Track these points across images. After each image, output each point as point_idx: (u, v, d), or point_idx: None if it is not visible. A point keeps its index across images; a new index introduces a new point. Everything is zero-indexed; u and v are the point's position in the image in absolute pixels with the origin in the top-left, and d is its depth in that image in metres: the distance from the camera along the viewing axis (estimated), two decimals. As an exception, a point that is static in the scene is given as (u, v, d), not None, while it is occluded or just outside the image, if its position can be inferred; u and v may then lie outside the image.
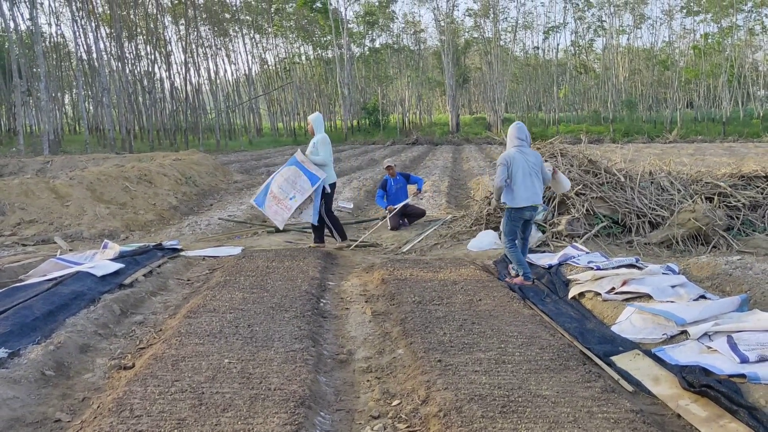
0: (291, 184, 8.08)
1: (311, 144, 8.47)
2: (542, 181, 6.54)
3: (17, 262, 7.27)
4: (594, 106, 59.25)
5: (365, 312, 5.70)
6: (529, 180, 6.34)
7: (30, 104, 33.85)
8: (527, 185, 6.33)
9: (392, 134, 45.30)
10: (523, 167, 6.33)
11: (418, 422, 3.50)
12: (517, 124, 6.69)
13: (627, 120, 49.02)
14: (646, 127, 43.97)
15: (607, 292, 5.68)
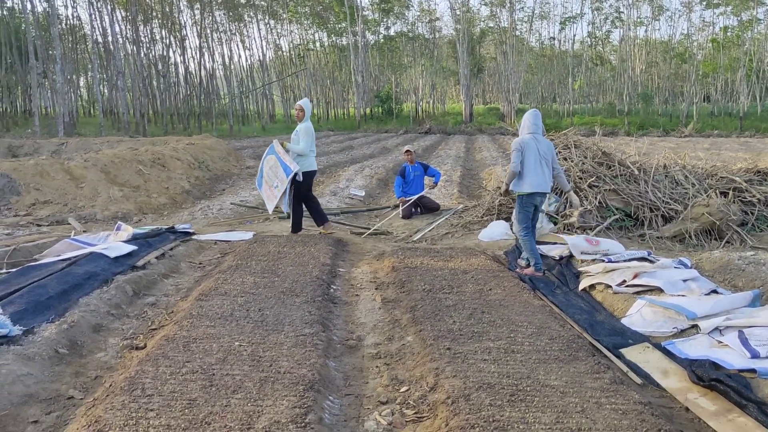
0: (274, 172, 8.09)
1: (294, 132, 8.28)
2: (552, 171, 6.54)
3: (32, 241, 7.35)
4: (609, 98, 58.73)
5: (375, 299, 5.71)
6: (539, 167, 6.36)
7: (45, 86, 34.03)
8: (537, 172, 6.35)
9: (405, 123, 45.19)
10: (535, 154, 6.35)
11: (426, 409, 3.52)
12: (533, 111, 6.69)
13: (642, 113, 48.60)
14: (661, 121, 43.58)
15: (618, 284, 5.66)
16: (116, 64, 31.85)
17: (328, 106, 54.81)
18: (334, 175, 15.49)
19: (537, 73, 60.39)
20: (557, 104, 57.30)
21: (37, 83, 26.89)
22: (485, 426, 3.11)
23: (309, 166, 8.20)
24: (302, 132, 8.12)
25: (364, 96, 49.33)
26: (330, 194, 12.32)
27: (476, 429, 3.09)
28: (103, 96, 40.64)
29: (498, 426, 3.12)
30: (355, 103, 49.21)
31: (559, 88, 58.06)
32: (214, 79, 43.41)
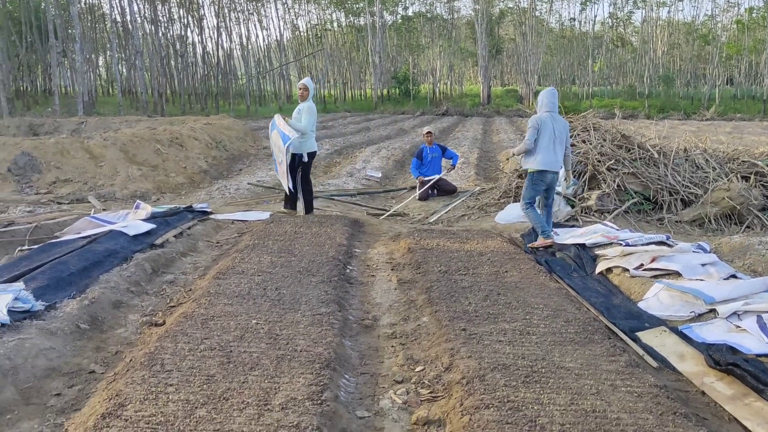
0: (278, 147, 8.07)
1: (296, 110, 8.14)
2: (566, 150, 6.65)
3: (53, 219, 7.45)
4: (629, 80, 57.88)
5: (391, 279, 5.74)
6: (552, 146, 6.49)
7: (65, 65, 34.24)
8: (549, 151, 6.48)
9: (422, 104, 44.92)
10: (550, 133, 6.47)
11: (440, 388, 3.54)
12: (550, 90, 6.78)
13: (663, 96, 47.86)
14: (682, 104, 42.90)
15: (635, 268, 5.63)
16: (135, 44, 31.94)
17: (345, 86, 54.61)
18: (350, 156, 15.49)
19: (556, 55, 59.64)
20: (576, 86, 56.60)
21: (57, 62, 27.07)
22: (500, 406, 3.13)
23: (311, 146, 8.14)
24: (305, 110, 8.01)
25: (381, 77, 49.06)
26: (346, 175, 12.34)
27: (491, 409, 3.11)
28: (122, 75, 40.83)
29: (512, 406, 3.14)
30: (372, 84, 48.96)
31: (579, 70, 57.32)
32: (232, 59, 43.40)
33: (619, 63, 59.66)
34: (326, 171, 13.41)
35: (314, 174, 12.96)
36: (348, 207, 9.48)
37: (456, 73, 60.24)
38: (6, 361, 3.50)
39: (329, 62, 52.38)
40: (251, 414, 3.00)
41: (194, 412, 3.01)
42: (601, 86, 56.49)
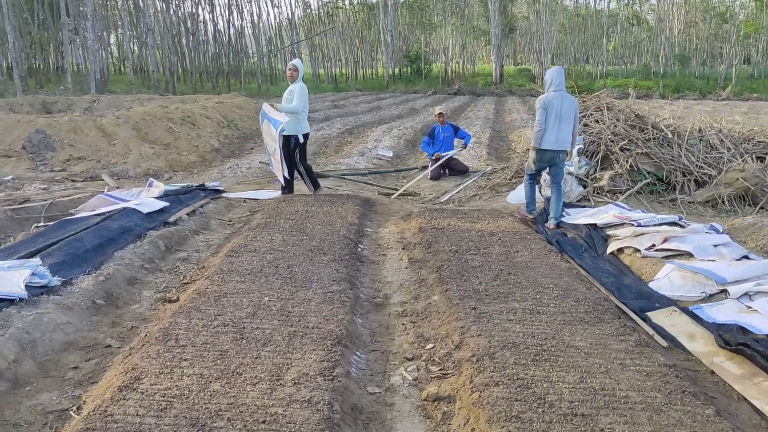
0: (270, 137, 8.05)
1: (287, 91, 8.06)
2: (573, 128, 6.72)
3: (68, 196, 7.52)
4: (644, 59, 57.12)
5: (402, 258, 5.77)
6: (557, 125, 6.58)
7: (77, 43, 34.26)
8: (554, 130, 6.58)
9: (434, 83, 44.62)
10: (557, 112, 6.56)
11: (451, 366, 3.58)
12: (558, 69, 6.86)
13: (678, 75, 47.22)
14: (698, 83, 42.32)
15: (647, 248, 5.62)
16: (146, 21, 31.86)
17: (357, 65, 54.28)
18: (361, 136, 15.47)
19: (570, 34, 58.88)
20: (590, 65, 55.95)
21: (69, 40, 27.08)
22: (509, 384, 3.17)
23: (305, 128, 8.09)
24: (297, 91, 7.93)
25: (393, 56, 48.71)
26: (358, 154, 12.33)
27: (500, 386, 3.14)
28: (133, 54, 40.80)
29: (522, 384, 3.17)
30: (383, 63, 48.63)
31: (593, 48, 56.61)
32: (243, 37, 43.22)
33: (634, 42, 58.85)
34: (337, 150, 13.41)
35: (325, 153, 13.00)
36: (359, 186, 9.50)
37: (468, 52, 59.68)
38: (25, 334, 3.57)
39: (340, 41, 52.05)
40: (264, 389, 3.06)
41: (208, 386, 3.07)
42: (615, 65, 55.84)
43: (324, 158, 12.35)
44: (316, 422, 2.77)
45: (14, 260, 4.64)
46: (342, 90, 39.31)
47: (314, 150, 12.97)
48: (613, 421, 2.87)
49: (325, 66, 52.79)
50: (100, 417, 2.76)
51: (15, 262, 4.56)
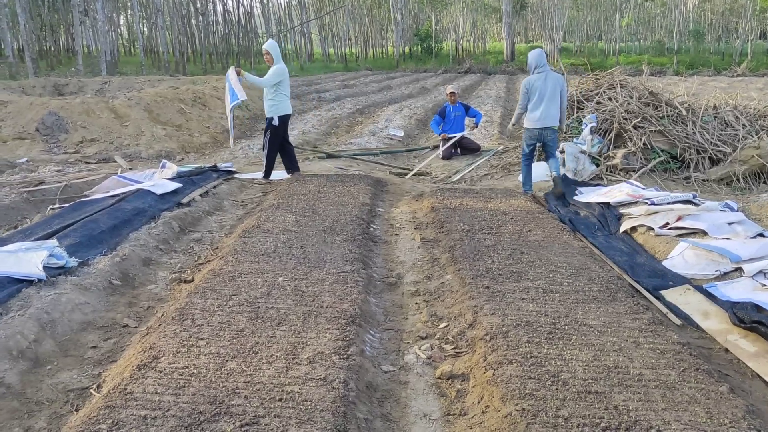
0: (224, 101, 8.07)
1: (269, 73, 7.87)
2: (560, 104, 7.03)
3: (82, 178, 7.58)
4: (658, 36, 56.30)
5: (414, 238, 5.78)
6: (540, 104, 6.93)
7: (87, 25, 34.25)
8: (537, 109, 6.95)
9: (444, 62, 44.28)
10: (540, 92, 6.91)
11: (464, 344, 3.61)
12: (537, 51, 7.20)
13: (693, 51, 46.54)
14: (713, 59, 41.70)
15: (660, 227, 5.60)
16: (155, 2, 31.76)
17: (366, 44, 53.94)
18: (372, 116, 15.42)
19: (582, 10, 58.08)
20: (603, 42, 55.26)
21: (79, 21, 27.07)
22: (522, 362, 3.19)
23: (285, 109, 8.01)
24: (271, 70, 7.84)
25: (403, 34, 48.33)
26: (369, 134, 12.31)
27: (514, 364, 3.16)
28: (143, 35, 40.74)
29: (535, 362, 3.19)
30: (393, 42, 48.28)
31: (606, 25, 55.83)
32: (252, 17, 43.02)
33: (648, 18, 57.97)
34: (348, 130, 13.39)
35: (336, 133, 12.98)
36: (370, 166, 9.49)
37: (479, 30, 59.08)
38: (44, 314, 3.63)
39: (350, 19, 51.67)
40: (280, 367, 3.10)
41: (225, 364, 3.11)
42: (628, 42, 55.10)
43: (335, 138, 12.34)
44: (332, 400, 2.81)
45: (32, 242, 4.70)
46: (352, 69, 39.11)
47: (325, 130, 12.95)
48: (627, 398, 2.89)
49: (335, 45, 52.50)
50: (120, 395, 2.82)
51: (32, 243, 4.62)
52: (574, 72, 19.29)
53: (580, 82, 10.12)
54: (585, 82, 9.96)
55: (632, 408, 2.81)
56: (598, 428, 2.66)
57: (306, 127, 12.85)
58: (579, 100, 9.39)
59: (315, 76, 29.78)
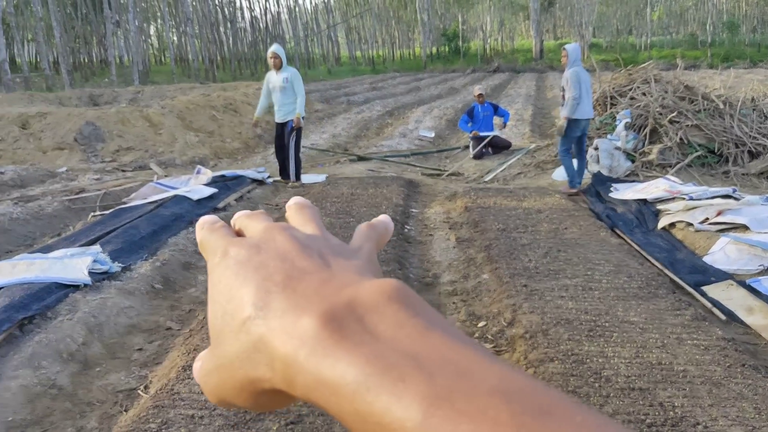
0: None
1: (283, 80, 7.85)
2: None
3: (120, 186, 7.75)
4: (690, 28, 55.30)
5: (449, 238, 5.78)
6: (586, 96, 7.06)
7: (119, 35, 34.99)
8: (585, 101, 7.02)
9: (472, 62, 44.11)
10: (585, 84, 7.03)
11: (504, 343, 3.60)
12: (577, 45, 7.45)
13: (727, 43, 45.56)
14: (748, 51, 40.78)
15: (700, 222, 5.51)
16: (185, 11, 32.30)
17: (393, 46, 54.03)
18: (402, 117, 15.44)
19: (611, 5, 57.31)
20: (633, 37, 54.46)
21: (111, 32, 27.68)
22: (564, 359, 3.17)
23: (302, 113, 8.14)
24: (294, 78, 7.92)
25: (430, 35, 48.32)
26: (399, 136, 12.34)
27: (555, 362, 3.15)
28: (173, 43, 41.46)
29: (577, 359, 3.17)
30: (420, 43, 48.28)
31: (636, 19, 55.04)
32: (280, 23, 43.46)
33: (680, 10, 56.97)
34: (378, 132, 13.43)
35: (366, 136, 13.04)
36: (402, 168, 9.51)
37: (507, 29, 58.74)
38: (92, 318, 3.73)
39: (377, 22, 51.85)
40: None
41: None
42: (660, 36, 54.22)
43: (365, 141, 12.39)
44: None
45: (76, 248, 4.83)
46: (379, 72, 39.22)
47: (355, 133, 13.02)
48: (672, 394, 2.85)
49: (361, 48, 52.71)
50: (168, 395, 2.88)
51: (77, 249, 4.75)
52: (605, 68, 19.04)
53: (612, 77, 10.00)
54: (618, 77, 9.84)
55: (678, 404, 2.77)
56: (643, 425, 2.64)
57: (336, 130, 12.93)
58: (612, 96, 9.28)
59: (343, 80, 29.97)
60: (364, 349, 0.27)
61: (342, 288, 0.30)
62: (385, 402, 0.25)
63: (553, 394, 0.25)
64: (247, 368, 0.30)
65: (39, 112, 11.40)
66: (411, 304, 0.28)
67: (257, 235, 0.35)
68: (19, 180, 8.50)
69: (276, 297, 0.30)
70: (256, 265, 0.32)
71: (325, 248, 0.34)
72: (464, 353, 0.26)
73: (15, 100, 15.18)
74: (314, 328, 0.28)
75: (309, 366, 0.27)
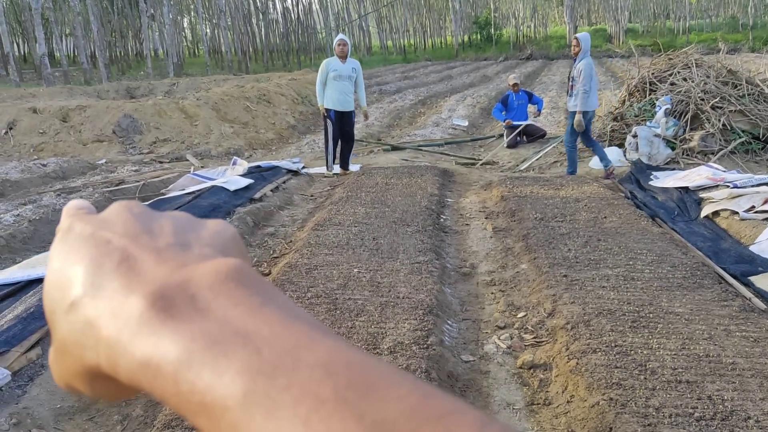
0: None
1: (350, 71, 7.88)
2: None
3: (158, 177, 7.87)
4: (731, 11, 53.73)
5: (486, 228, 5.73)
6: (595, 87, 7.21)
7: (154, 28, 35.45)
8: (594, 91, 7.13)
9: (505, 49, 43.60)
10: (595, 76, 7.14)
11: (544, 334, 3.55)
12: (588, 34, 7.34)
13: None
14: (791, 34, 39.47)
15: (745, 210, 5.35)
16: (217, 3, 32.55)
17: (425, 35, 53.70)
18: (434, 106, 15.35)
19: (648, -12, 55.99)
20: (671, 21, 53.15)
21: (147, 25, 28.06)
22: (607, 351, 3.11)
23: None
24: (359, 69, 7.97)
25: (462, 23, 47.88)
26: (432, 125, 12.26)
27: (598, 353, 3.10)
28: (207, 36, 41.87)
29: (620, 351, 3.11)
30: (452, 31, 47.88)
31: (674, 3, 53.67)
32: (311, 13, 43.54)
33: (719, -7, 55.34)
34: (411, 122, 13.38)
35: (399, 125, 13.00)
36: (436, 157, 9.45)
37: (539, 15, 57.85)
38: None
39: (408, 11, 51.55)
40: (362, 357, 3.13)
41: (308, 354, 3.17)
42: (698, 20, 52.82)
43: (398, 130, 12.35)
44: (416, 389, 2.82)
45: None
46: (411, 61, 39.03)
47: (388, 122, 12.99)
48: (721, 387, 2.78)
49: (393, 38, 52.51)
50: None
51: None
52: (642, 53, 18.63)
53: (652, 62, 9.76)
54: (657, 62, 9.60)
55: (727, 398, 2.70)
56: (691, 418, 2.58)
57: (369, 120, 12.88)
58: (651, 82, 9.06)
59: (375, 69, 29.87)
60: (190, 327, 0.26)
61: (180, 267, 0.29)
62: (206, 379, 0.24)
63: (383, 368, 0.24)
64: (78, 353, 0.29)
65: (79, 106, 11.63)
66: (248, 284, 0.27)
67: (108, 211, 0.33)
68: (61, 172, 8.69)
69: (109, 275, 0.29)
70: (98, 241, 0.30)
71: (179, 227, 0.33)
72: (296, 329, 0.25)
73: (55, 93, 15.52)
74: (140, 308, 0.27)
75: (132, 347, 0.26)
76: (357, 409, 0.22)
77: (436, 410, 0.23)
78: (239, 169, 7.73)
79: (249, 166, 7.85)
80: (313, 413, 0.22)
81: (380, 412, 0.22)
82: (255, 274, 0.28)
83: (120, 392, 0.30)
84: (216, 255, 0.30)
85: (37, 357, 3.36)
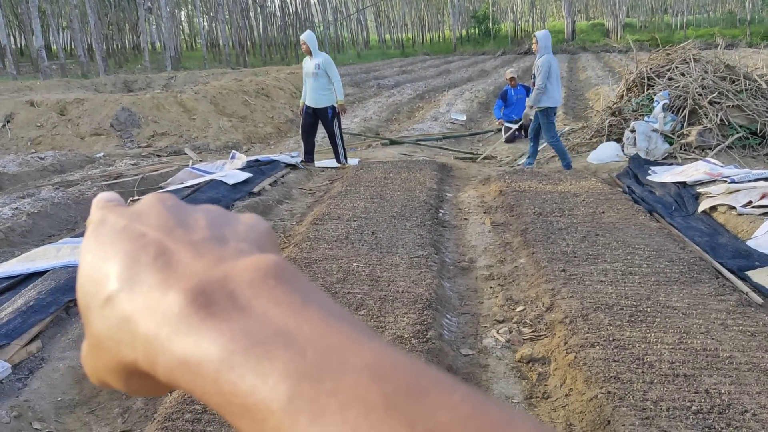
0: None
1: (315, 66, 7.83)
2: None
3: (156, 171, 7.86)
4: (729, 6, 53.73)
5: (484, 222, 5.74)
6: (557, 84, 7.39)
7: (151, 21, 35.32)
8: (556, 88, 7.35)
9: (503, 44, 43.57)
10: (556, 72, 7.34)
11: (543, 328, 3.58)
12: (547, 32, 7.60)
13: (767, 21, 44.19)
14: (789, 29, 39.48)
15: (743, 205, 5.37)
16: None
17: (423, 29, 53.61)
18: (433, 100, 15.34)
19: (646, -17, 55.93)
20: (669, 16, 53.13)
21: (144, 18, 27.95)
22: (605, 344, 3.14)
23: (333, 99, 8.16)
24: (327, 65, 7.91)
25: (460, 17, 47.82)
26: (431, 119, 12.26)
27: (596, 347, 3.12)
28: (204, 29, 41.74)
29: (618, 345, 3.13)
30: (450, 25, 47.80)
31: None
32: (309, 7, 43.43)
33: (717, -12, 55.33)
34: (409, 116, 13.38)
35: (398, 119, 13.00)
36: (434, 152, 9.46)
37: (538, 9, 57.80)
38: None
39: (406, 4, 51.43)
40: (361, 350, 3.14)
41: (308, 348, 3.18)
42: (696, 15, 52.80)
43: (397, 124, 12.36)
44: (415, 382, 2.83)
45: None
46: (409, 55, 38.98)
47: (386, 117, 12.99)
48: (718, 381, 2.80)
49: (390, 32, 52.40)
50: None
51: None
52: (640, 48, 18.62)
53: (650, 57, 9.77)
54: (655, 57, 9.61)
55: (724, 391, 2.72)
56: (689, 412, 2.60)
57: (367, 114, 12.91)
58: (649, 77, 9.07)
59: (373, 63, 29.85)
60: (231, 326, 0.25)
61: (218, 263, 0.28)
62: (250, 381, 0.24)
63: (431, 372, 0.23)
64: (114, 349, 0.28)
65: (76, 99, 11.60)
66: (289, 280, 0.27)
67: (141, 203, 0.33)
68: (59, 165, 8.68)
69: (145, 270, 0.28)
70: (133, 234, 0.30)
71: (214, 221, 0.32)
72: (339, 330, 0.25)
73: (52, 86, 15.47)
74: (179, 304, 0.26)
75: (171, 345, 0.26)
76: (408, 416, 0.22)
77: (491, 420, 0.22)
78: (238, 163, 7.73)
79: (247, 160, 7.85)
80: (363, 420, 0.22)
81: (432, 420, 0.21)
82: (294, 271, 0.28)
83: (155, 389, 0.30)
84: (253, 250, 0.30)
85: (37, 350, 3.37)
